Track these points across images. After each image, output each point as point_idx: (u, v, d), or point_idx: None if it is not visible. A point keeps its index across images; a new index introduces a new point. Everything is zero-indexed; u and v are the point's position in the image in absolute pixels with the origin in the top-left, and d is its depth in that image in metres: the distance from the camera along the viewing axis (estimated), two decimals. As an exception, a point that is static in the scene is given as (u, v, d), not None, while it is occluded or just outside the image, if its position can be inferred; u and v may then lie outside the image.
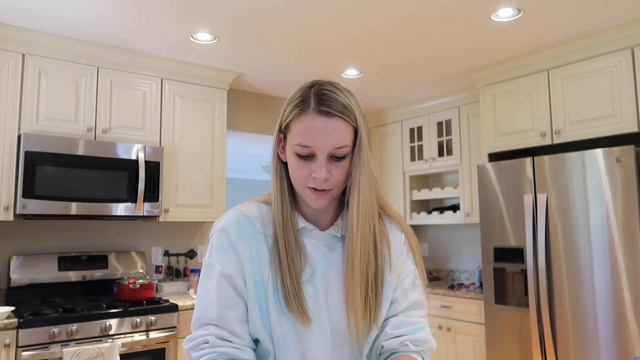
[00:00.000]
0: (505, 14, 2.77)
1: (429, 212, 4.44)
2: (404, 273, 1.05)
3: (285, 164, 1.02)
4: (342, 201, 1.06)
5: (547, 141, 3.25)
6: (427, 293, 1.10)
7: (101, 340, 2.75)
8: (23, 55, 2.96)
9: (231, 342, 0.97)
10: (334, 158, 0.96)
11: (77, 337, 2.68)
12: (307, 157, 0.95)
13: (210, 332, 0.96)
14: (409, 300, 1.04)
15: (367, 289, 0.99)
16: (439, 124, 4.36)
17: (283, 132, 1.01)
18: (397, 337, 1.02)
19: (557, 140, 3.19)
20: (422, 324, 1.05)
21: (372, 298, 1.00)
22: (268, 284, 0.98)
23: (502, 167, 3.31)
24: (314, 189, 0.96)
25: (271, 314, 0.97)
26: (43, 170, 2.88)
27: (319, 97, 0.95)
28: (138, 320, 2.88)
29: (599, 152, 2.84)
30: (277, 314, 0.97)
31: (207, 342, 0.96)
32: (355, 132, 0.99)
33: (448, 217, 4.23)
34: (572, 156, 2.95)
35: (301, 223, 1.03)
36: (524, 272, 3.17)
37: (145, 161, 3.21)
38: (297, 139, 0.95)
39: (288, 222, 1.01)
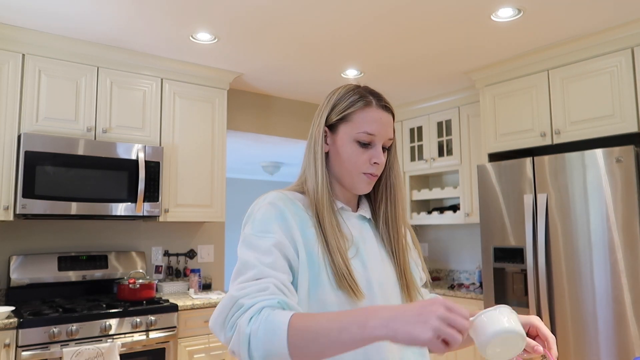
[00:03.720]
0: (505, 14, 2.77)
1: (429, 212, 4.44)
2: (418, 259, 1.22)
3: (326, 155, 1.12)
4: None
5: (547, 141, 3.25)
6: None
7: (101, 340, 2.75)
8: (23, 55, 2.96)
9: (290, 299, 0.92)
10: (383, 148, 1.11)
11: (77, 337, 2.68)
12: (367, 145, 1.08)
13: (268, 280, 0.91)
14: (426, 277, 1.24)
15: (408, 263, 1.15)
16: (439, 124, 4.36)
17: (331, 126, 1.12)
18: None
19: (557, 140, 3.19)
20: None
21: (411, 272, 1.16)
22: (317, 260, 1.02)
23: (502, 167, 3.31)
24: (371, 174, 1.09)
25: (321, 290, 1.00)
26: (43, 170, 2.88)
27: (376, 95, 1.12)
28: (138, 320, 2.88)
29: (599, 152, 2.84)
30: (328, 291, 1.00)
31: (265, 290, 0.89)
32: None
33: (448, 217, 4.23)
34: (572, 156, 2.95)
35: (339, 204, 1.13)
36: (524, 272, 3.17)
37: (145, 161, 3.21)
38: (364, 128, 1.07)
39: (331, 204, 1.09)
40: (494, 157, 3.59)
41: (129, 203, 3.15)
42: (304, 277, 1.00)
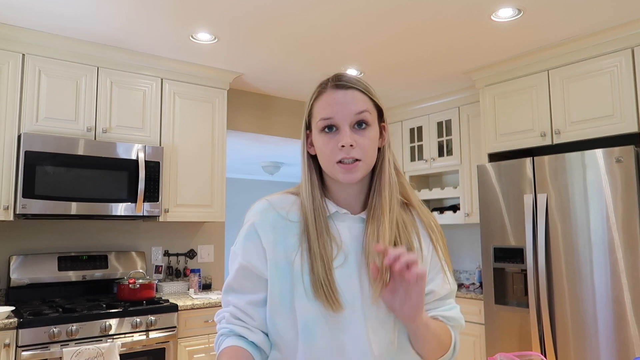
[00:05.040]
0: (505, 14, 2.77)
1: (429, 212, 4.43)
2: (435, 269, 1.08)
3: (314, 158, 1.07)
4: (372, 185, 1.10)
5: (547, 141, 3.25)
6: (454, 278, 1.12)
7: (101, 340, 2.75)
8: (23, 55, 2.96)
9: (243, 321, 1.03)
10: (358, 126, 1.01)
11: (77, 337, 2.68)
12: (331, 129, 1.01)
13: (228, 309, 1.05)
14: (440, 294, 1.08)
15: None
16: (439, 124, 4.36)
17: (309, 127, 1.07)
18: (428, 311, 1.05)
19: (557, 140, 3.19)
20: (453, 304, 1.11)
21: None
22: (294, 269, 1.00)
23: (502, 167, 3.31)
24: (343, 162, 0.99)
25: (296, 300, 0.98)
26: (43, 170, 2.88)
27: (336, 77, 1.05)
28: (138, 320, 2.88)
29: (599, 152, 2.84)
30: (303, 301, 0.98)
31: (224, 319, 1.05)
32: (376, 106, 1.05)
33: (448, 217, 4.23)
34: (572, 156, 2.95)
35: (333, 208, 1.06)
36: (524, 272, 3.17)
37: (145, 161, 3.21)
38: (320, 115, 1.02)
39: (318, 209, 1.03)
40: (494, 157, 3.59)
41: (129, 203, 3.15)
42: (275, 290, 1.00)
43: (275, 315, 1.01)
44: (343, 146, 0.98)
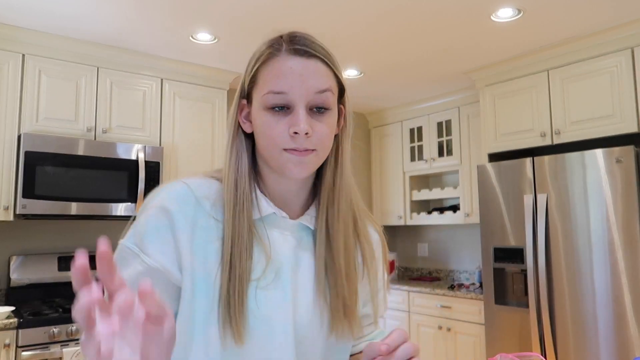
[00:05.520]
0: (505, 14, 2.77)
1: (429, 212, 4.44)
2: (378, 284, 0.91)
3: (248, 136, 0.84)
4: (315, 188, 0.88)
5: (547, 141, 3.25)
6: (387, 297, 0.96)
7: (101, 340, 2.75)
8: (23, 55, 2.96)
9: None
10: (316, 110, 0.78)
11: (77, 337, 2.68)
12: (282, 109, 0.77)
13: None
14: (378, 314, 0.92)
15: (353, 295, 0.84)
16: (439, 124, 4.36)
17: (246, 96, 0.84)
18: (361, 338, 0.97)
19: (557, 140, 3.20)
20: (380, 329, 1.00)
21: (356, 308, 0.85)
22: (214, 288, 0.77)
23: (502, 168, 3.31)
24: (294, 150, 0.77)
25: (209, 323, 0.77)
26: (43, 170, 2.88)
27: (292, 38, 0.80)
28: (138, 320, 2.87)
29: (599, 153, 2.84)
30: (214, 325, 0.76)
31: None
32: (338, 83, 0.83)
33: (448, 218, 4.23)
34: (572, 156, 2.95)
35: (267, 208, 0.83)
36: (523, 273, 3.17)
37: (145, 161, 3.21)
38: (268, 87, 0.78)
39: (242, 208, 0.79)
40: (494, 157, 3.59)
41: (129, 203, 3.15)
42: (185, 312, 0.77)
43: (184, 347, 0.77)
44: (296, 133, 0.76)
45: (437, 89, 4.18)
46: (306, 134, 0.76)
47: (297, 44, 0.79)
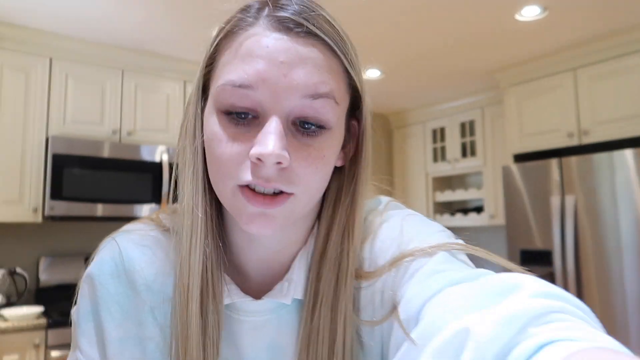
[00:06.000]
0: (530, 12, 2.72)
1: (452, 214, 4.39)
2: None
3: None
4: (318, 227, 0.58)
5: (574, 142, 3.18)
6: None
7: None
8: (50, 59, 3.01)
9: None
10: (302, 127, 0.49)
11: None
12: (245, 116, 0.48)
13: None
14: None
15: None
16: (462, 125, 4.31)
17: (205, 91, 0.54)
18: None
19: (586, 140, 3.13)
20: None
21: None
22: None
23: (528, 169, 3.25)
24: (254, 190, 0.48)
25: None
26: (70, 172, 2.92)
27: (275, 3, 0.51)
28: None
29: (628, 153, 2.77)
30: None
31: None
32: (351, 88, 0.53)
33: (472, 219, 4.18)
34: (601, 157, 2.89)
35: (232, 293, 0.55)
36: (551, 276, 3.10)
37: (170, 163, 3.24)
38: (226, 75, 0.49)
39: (207, 287, 0.53)
40: (519, 158, 3.53)
41: (154, 204, 3.18)
42: None
43: None
44: (259, 160, 0.46)
45: (459, 89, 4.13)
46: (278, 163, 0.46)
47: (285, 10, 0.49)
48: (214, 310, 0.52)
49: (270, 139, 0.45)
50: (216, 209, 0.55)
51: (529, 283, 0.41)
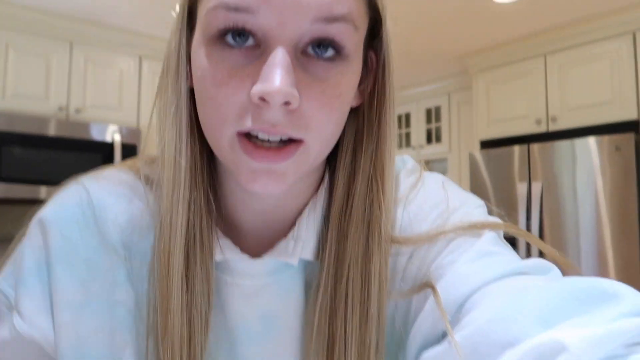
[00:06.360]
0: (504, -6, 2.64)
1: (417, 201, 4.34)
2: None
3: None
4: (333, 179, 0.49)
5: (542, 128, 3.16)
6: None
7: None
8: (-12, 26, 2.75)
9: None
10: (315, 52, 0.40)
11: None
12: (243, 41, 0.39)
13: None
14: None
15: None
16: (428, 111, 4.26)
17: (191, 21, 0.44)
18: None
19: (553, 127, 3.10)
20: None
21: None
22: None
23: (493, 155, 3.22)
24: (256, 138, 0.40)
25: None
26: (9, 150, 2.68)
27: None
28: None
29: (591, 140, 2.76)
30: None
31: None
32: (371, 10, 0.44)
33: (436, 206, 4.15)
34: (563, 144, 2.87)
35: (225, 248, 0.47)
36: (516, 263, 3.10)
37: (122, 143, 3.03)
38: None
39: (194, 241, 0.45)
40: (486, 144, 3.49)
41: (104, 188, 2.98)
42: None
43: None
44: (263, 100, 0.37)
45: (427, 74, 4.06)
46: (286, 103, 0.38)
47: None
48: (202, 268, 0.44)
49: (276, 74, 0.37)
50: (205, 156, 0.47)
51: (628, 295, 0.33)
